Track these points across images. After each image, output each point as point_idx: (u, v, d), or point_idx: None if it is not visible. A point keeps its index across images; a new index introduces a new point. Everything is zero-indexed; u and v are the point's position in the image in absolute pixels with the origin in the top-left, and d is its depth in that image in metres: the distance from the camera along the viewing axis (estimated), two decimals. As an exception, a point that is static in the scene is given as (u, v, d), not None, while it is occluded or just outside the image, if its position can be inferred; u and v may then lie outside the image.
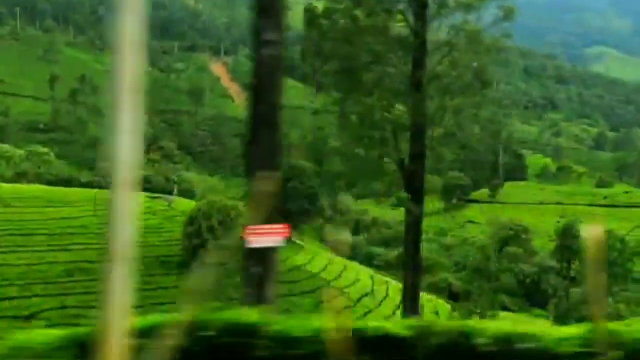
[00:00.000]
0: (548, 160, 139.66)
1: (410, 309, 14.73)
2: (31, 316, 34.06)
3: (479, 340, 3.53)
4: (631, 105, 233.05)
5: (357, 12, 13.68)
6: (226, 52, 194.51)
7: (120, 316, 1.71)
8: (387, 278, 52.16)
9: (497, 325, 3.76)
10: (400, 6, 13.38)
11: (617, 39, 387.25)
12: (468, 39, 14.22)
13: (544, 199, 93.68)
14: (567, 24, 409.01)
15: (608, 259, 39.96)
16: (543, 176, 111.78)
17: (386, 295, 43.84)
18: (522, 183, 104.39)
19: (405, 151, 13.97)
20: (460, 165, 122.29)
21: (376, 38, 13.60)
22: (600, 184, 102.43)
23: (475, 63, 14.14)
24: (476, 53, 14.05)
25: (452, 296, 58.14)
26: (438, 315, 46.10)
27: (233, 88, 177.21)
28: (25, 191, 50.32)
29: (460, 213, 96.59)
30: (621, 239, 41.23)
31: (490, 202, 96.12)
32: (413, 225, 14.51)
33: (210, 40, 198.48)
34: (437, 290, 57.60)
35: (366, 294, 41.95)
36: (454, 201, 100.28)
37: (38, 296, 35.92)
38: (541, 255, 63.94)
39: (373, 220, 79.37)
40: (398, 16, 13.35)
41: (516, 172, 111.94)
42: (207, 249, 38.13)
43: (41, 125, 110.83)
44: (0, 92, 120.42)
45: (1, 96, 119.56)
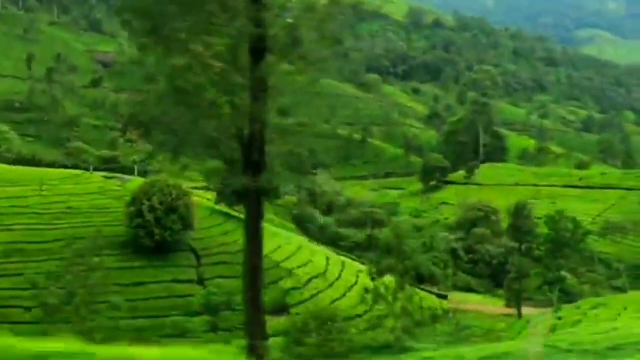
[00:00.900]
0: (531, 142, 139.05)
1: (252, 304, 13.55)
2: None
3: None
4: (622, 88, 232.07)
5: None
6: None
7: None
8: (347, 259, 51.65)
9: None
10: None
11: (610, 22, 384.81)
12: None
13: (521, 181, 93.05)
14: (562, 6, 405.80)
15: (563, 240, 39.44)
16: (524, 158, 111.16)
17: (339, 276, 43.24)
18: (501, 165, 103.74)
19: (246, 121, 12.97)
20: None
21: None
22: (579, 166, 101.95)
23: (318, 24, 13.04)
24: (315, 15, 12.96)
25: (418, 278, 57.72)
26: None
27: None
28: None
29: (437, 195, 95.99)
30: (573, 219, 40.58)
31: (467, 184, 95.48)
32: (252, 202, 13.53)
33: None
34: (402, 273, 57.16)
35: (317, 276, 41.32)
36: (433, 183, 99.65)
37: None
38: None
39: (348, 201, 78.62)
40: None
41: (497, 154, 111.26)
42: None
43: (17, 104, 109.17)
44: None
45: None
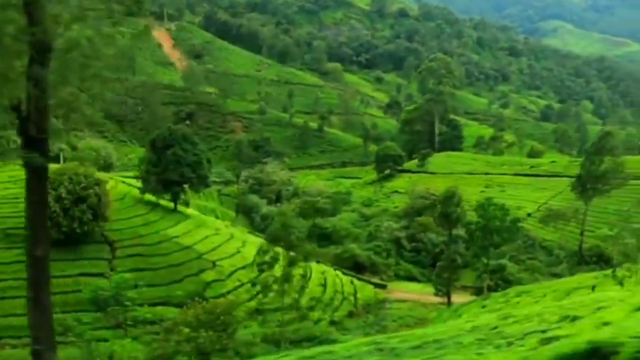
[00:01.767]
0: (490, 130, 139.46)
1: (35, 303, 11.51)
2: None
3: None
4: (581, 78, 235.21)
5: None
6: (170, 18, 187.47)
7: None
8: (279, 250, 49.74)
9: None
10: None
11: (573, 14, 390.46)
12: None
13: (474, 169, 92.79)
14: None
15: (492, 227, 38.53)
16: (478, 146, 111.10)
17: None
18: (455, 153, 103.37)
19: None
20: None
21: None
22: (531, 154, 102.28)
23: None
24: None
25: (358, 268, 56.47)
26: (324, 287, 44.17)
27: (175, 55, 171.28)
28: None
29: (391, 183, 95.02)
30: (501, 206, 39.73)
31: (420, 172, 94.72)
32: (32, 182, 11.62)
33: (153, 5, 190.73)
34: (342, 261, 55.85)
35: (244, 267, 39.54)
36: (387, 172, 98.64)
37: None
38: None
39: (295, 190, 76.95)
40: None
41: (453, 142, 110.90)
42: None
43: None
44: None
45: None
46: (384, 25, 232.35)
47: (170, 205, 46.98)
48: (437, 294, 41.63)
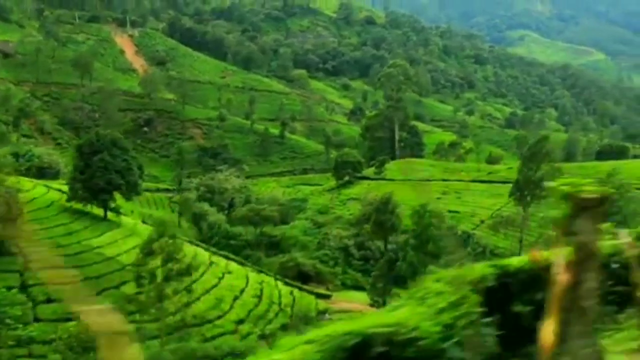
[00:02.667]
0: (454, 137, 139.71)
1: None
2: None
3: None
4: (545, 86, 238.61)
5: None
6: (133, 25, 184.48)
7: None
8: (224, 260, 48.11)
9: None
10: None
11: (539, 23, 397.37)
12: None
13: (431, 176, 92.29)
14: (492, 6, 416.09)
15: (428, 235, 37.47)
16: (438, 153, 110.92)
17: (199, 278, 39.69)
18: (415, 160, 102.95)
19: None
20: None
21: None
22: (490, 161, 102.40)
23: None
24: None
25: (304, 277, 54.95)
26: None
27: (138, 61, 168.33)
28: None
29: (349, 190, 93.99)
30: (438, 213, 38.75)
31: (378, 179, 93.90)
32: None
33: (115, 11, 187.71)
34: (286, 271, 54.28)
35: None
36: (346, 178, 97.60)
37: None
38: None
39: (247, 198, 75.16)
40: None
41: (413, 149, 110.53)
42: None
43: None
44: None
45: None
46: (351, 32, 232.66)
47: (101, 213, 44.94)
48: (373, 305, 40.35)
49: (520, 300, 4.47)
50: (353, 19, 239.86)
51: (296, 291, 47.77)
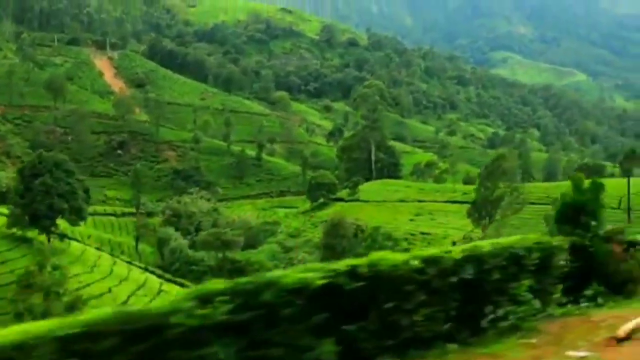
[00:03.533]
0: (434, 158, 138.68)
1: None
2: None
3: None
4: (527, 106, 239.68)
5: None
6: (113, 47, 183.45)
7: None
8: (172, 287, 45.98)
9: None
10: None
11: (521, 45, 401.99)
12: None
13: (407, 197, 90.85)
14: (475, 28, 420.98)
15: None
16: (415, 174, 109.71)
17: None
18: (390, 181, 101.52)
19: None
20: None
21: None
22: (466, 181, 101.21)
23: None
24: None
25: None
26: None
27: (117, 84, 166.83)
28: None
29: (323, 212, 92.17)
30: (388, 236, 37.11)
31: (353, 201, 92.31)
32: None
33: (95, 34, 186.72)
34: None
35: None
36: (321, 200, 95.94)
37: None
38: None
39: (214, 222, 73.09)
40: None
41: (390, 170, 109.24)
42: None
43: None
44: None
45: None
46: (333, 54, 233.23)
47: (54, 238, 42.79)
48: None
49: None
50: (336, 41, 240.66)
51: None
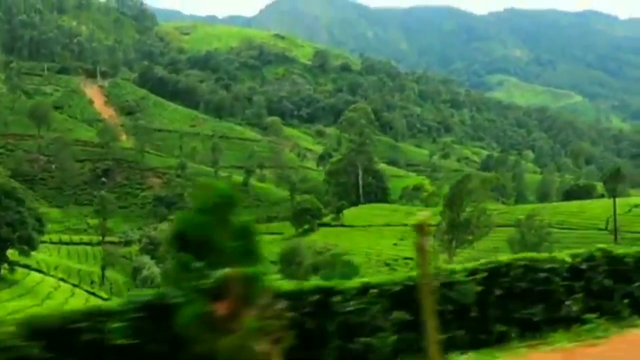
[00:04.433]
0: (426, 181, 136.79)
1: None
2: None
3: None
4: (522, 128, 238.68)
5: None
6: (104, 75, 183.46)
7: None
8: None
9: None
10: None
11: (517, 68, 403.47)
12: None
13: (392, 221, 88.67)
14: (472, 52, 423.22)
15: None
16: (404, 197, 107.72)
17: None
18: (377, 205, 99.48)
19: None
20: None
21: None
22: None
23: None
24: None
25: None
26: None
27: (107, 112, 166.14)
28: None
29: (310, 238, 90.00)
30: (348, 262, 35.09)
31: (339, 226, 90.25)
32: None
33: (86, 62, 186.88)
34: None
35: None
36: (307, 226, 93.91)
37: None
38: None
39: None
40: None
41: (378, 194, 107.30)
42: None
43: None
44: None
45: None
46: (326, 79, 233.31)
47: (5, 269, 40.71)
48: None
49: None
50: (329, 66, 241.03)
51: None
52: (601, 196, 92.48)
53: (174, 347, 4.52)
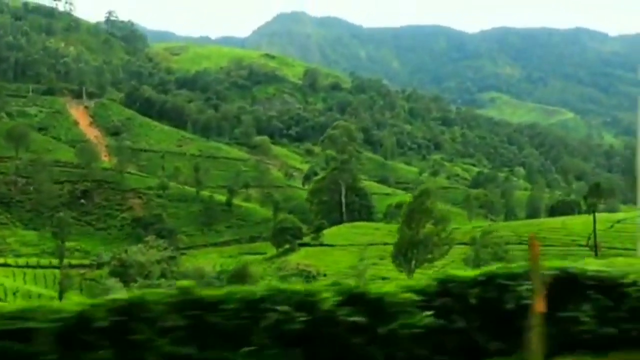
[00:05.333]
0: (408, 198, 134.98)
1: None
2: None
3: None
4: (513, 145, 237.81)
5: None
6: (90, 96, 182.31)
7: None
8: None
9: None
10: None
11: (509, 85, 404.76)
12: None
13: (374, 240, 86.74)
14: (464, 70, 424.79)
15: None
16: (389, 215, 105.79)
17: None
18: (359, 223, 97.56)
19: None
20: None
21: None
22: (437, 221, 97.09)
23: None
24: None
25: None
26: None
27: (92, 132, 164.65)
28: None
29: (290, 258, 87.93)
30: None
31: (320, 246, 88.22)
32: None
33: (72, 83, 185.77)
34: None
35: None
36: (288, 246, 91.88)
37: None
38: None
39: (162, 271, 68.65)
40: None
41: (362, 212, 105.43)
42: None
43: None
44: None
45: None
46: (316, 98, 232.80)
47: None
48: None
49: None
50: (319, 85, 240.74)
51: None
52: (586, 212, 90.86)
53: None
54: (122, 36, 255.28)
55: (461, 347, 6.00)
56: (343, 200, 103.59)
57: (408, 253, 43.32)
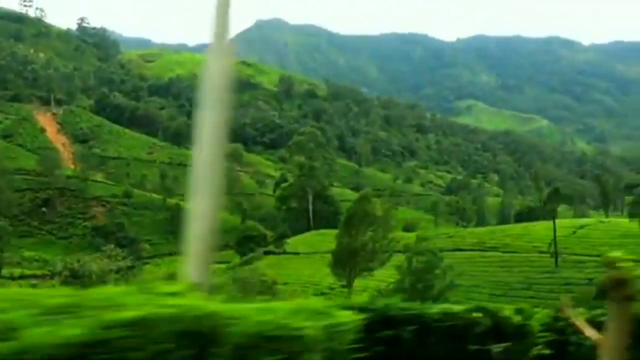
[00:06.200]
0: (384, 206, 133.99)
1: None
2: None
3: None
4: (488, 152, 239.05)
5: None
6: (58, 103, 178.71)
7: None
8: None
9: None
10: None
11: (485, 93, 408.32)
12: None
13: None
14: (441, 78, 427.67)
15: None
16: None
17: None
18: (326, 231, 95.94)
19: None
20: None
21: None
22: (406, 228, 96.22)
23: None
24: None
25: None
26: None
27: (60, 140, 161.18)
28: None
29: (252, 266, 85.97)
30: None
31: (284, 254, 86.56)
32: None
33: (41, 90, 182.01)
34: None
35: None
36: (253, 254, 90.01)
37: None
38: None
39: (116, 283, 66.36)
40: None
41: (330, 219, 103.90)
42: None
43: None
44: None
45: None
46: (292, 105, 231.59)
47: None
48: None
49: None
50: (294, 92, 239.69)
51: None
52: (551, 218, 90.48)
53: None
54: (95, 43, 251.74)
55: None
56: (310, 207, 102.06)
57: (345, 261, 41.88)
